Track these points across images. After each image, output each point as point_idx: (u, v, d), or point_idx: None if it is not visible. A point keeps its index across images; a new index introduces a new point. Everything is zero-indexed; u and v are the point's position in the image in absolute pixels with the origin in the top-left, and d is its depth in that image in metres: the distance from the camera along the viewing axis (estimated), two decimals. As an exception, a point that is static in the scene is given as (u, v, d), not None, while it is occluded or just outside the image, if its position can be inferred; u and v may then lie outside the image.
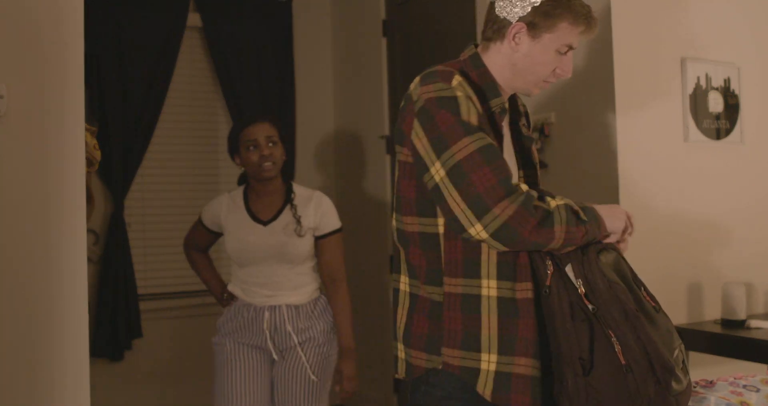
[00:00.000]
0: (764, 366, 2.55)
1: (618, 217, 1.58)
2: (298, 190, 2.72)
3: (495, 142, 1.52)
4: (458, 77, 1.55)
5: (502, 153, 1.60)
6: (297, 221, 2.62)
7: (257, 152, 2.61)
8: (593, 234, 1.53)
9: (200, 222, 2.78)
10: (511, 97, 1.75)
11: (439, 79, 1.55)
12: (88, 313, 1.86)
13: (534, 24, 1.60)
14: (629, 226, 1.61)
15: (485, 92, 1.62)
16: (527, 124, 1.80)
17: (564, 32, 1.60)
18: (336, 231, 2.71)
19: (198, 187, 4.01)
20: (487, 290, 1.53)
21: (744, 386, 1.81)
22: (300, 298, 2.62)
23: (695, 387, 1.79)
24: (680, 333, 2.54)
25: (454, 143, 1.48)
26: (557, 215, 1.46)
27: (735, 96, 2.90)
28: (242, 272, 2.65)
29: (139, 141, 3.80)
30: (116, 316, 3.67)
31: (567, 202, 1.50)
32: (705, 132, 2.82)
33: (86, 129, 1.93)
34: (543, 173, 2.04)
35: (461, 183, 1.46)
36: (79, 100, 1.86)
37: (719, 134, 2.86)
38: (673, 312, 2.67)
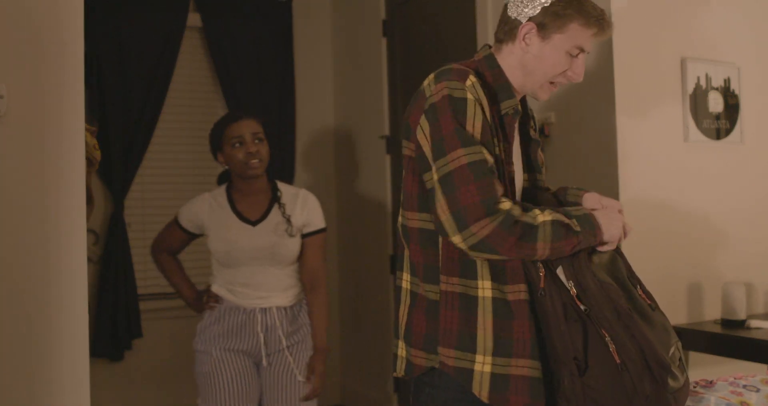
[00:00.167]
0: (764, 366, 2.55)
1: (616, 225, 1.58)
2: (284, 188, 2.65)
3: (492, 156, 1.51)
4: (473, 78, 1.55)
5: (511, 156, 1.60)
6: (287, 221, 2.56)
7: (243, 149, 2.54)
8: (587, 243, 1.53)
9: (176, 223, 2.67)
10: (522, 100, 1.75)
11: (454, 77, 1.54)
12: (88, 313, 1.86)
13: (543, 24, 1.59)
14: (626, 233, 1.61)
15: (498, 93, 1.61)
16: (534, 126, 1.80)
17: (574, 33, 1.60)
18: (321, 231, 2.64)
19: (198, 187, 4.00)
20: (483, 291, 1.53)
21: (744, 386, 1.81)
22: (288, 300, 2.58)
23: (695, 387, 1.79)
24: (680, 333, 2.56)
25: (450, 152, 1.49)
26: (541, 232, 1.47)
27: (735, 96, 2.90)
28: (227, 274, 2.57)
29: (139, 141, 3.80)
30: (116, 316, 3.67)
31: (555, 217, 1.50)
32: (705, 132, 2.82)
33: (86, 129, 1.93)
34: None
35: (449, 193, 1.47)
36: (79, 100, 1.86)
37: (719, 134, 2.86)
38: (673, 312, 2.67)
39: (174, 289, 2.76)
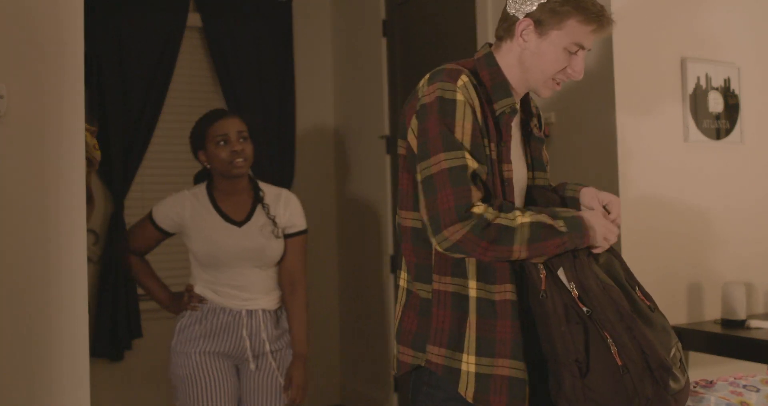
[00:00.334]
0: (764, 366, 2.55)
1: (609, 228, 1.58)
2: (266, 188, 2.58)
3: (477, 160, 1.50)
4: (465, 77, 1.54)
5: (509, 155, 1.60)
6: (272, 222, 2.50)
7: (228, 148, 2.45)
8: (573, 244, 1.53)
9: (150, 220, 2.53)
10: (524, 97, 1.74)
11: (446, 78, 1.54)
12: (88, 313, 1.86)
13: (541, 21, 1.58)
14: (611, 237, 1.60)
15: (493, 93, 1.60)
16: (539, 125, 1.78)
17: (572, 30, 1.58)
18: (302, 232, 2.58)
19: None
20: (473, 291, 1.54)
21: (744, 386, 1.81)
22: (274, 303, 2.53)
23: (695, 387, 1.79)
24: (680, 333, 2.56)
25: (433, 155, 1.50)
26: (519, 234, 1.47)
27: (735, 96, 2.90)
28: (209, 275, 2.49)
29: (139, 141, 3.80)
30: (116, 316, 3.67)
31: (536, 219, 1.49)
32: (705, 132, 2.82)
33: (86, 129, 1.93)
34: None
35: (428, 196, 1.50)
36: (79, 100, 1.86)
37: (719, 134, 2.86)
38: (673, 312, 2.67)
39: (146, 291, 2.64)
